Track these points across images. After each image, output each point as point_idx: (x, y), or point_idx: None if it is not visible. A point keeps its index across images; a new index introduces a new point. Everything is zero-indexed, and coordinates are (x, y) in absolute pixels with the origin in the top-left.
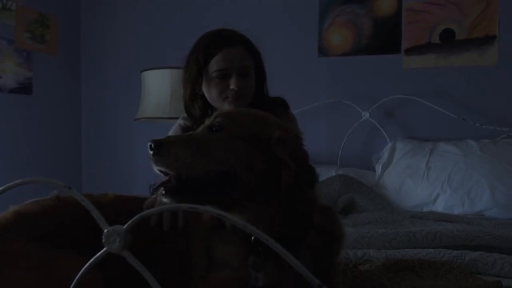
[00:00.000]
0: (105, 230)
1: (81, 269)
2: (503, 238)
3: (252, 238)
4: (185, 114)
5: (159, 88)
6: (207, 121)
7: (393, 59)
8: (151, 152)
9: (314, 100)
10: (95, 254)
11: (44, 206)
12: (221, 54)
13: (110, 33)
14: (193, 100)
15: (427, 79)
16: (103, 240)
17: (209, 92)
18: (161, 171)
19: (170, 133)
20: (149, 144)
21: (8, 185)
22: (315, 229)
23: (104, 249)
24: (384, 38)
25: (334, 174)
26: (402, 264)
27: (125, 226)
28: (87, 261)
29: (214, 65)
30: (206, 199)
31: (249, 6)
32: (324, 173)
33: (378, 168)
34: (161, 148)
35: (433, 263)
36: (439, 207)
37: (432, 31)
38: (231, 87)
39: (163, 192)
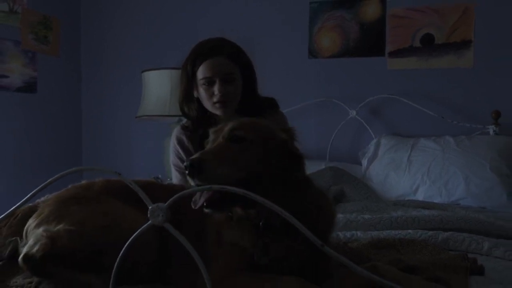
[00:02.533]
0: (150, 207)
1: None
2: (472, 222)
3: (261, 224)
4: (181, 123)
5: (159, 88)
6: (223, 133)
7: (378, 61)
8: (193, 170)
9: (305, 99)
10: None
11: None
12: (205, 64)
13: (110, 34)
14: (188, 103)
15: (410, 80)
16: (148, 215)
17: (200, 98)
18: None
19: (171, 145)
20: (188, 163)
21: (66, 171)
22: (310, 205)
23: (149, 221)
24: (370, 41)
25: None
26: (385, 242)
27: (166, 204)
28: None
29: (200, 73)
30: (238, 202)
31: (244, 10)
32: (314, 167)
33: (364, 162)
34: (202, 165)
35: (411, 241)
36: (419, 197)
37: (414, 36)
38: (215, 93)
39: (205, 205)
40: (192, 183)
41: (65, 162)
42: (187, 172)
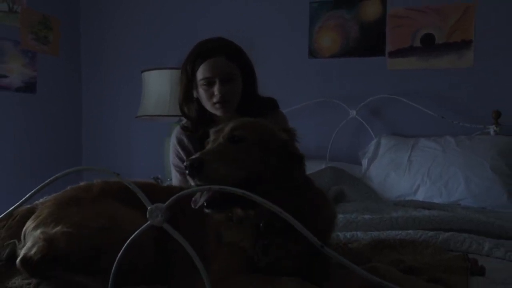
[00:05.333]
0: (149, 207)
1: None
2: (473, 222)
3: (261, 225)
4: (179, 125)
5: (159, 88)
6: (223, 133)
7: (378, 61)
8: (193, 170)
9: (305, 99)
10: None
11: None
12: (205, 64)
13: (110, 34)
14: (188, 103)
15: (410, 80)
16: (147, 216)
17: (200, 98)
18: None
19: (171, 145)
20: (188, 163)
21: (66, 171)
22: (309, 206)
23: (148, 222)
24: (370, 41)
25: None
26: (385, 243)
27: (165, 204)
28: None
29: (200, 74)
30: (239, 203)
31: (244, 10)
32: (314, 167)
33: (364, 162)
34: (202, 165)
35: (412, 242)
36: (419, 197)
37: (414, 36)
38: (215, 93)
39: (205, 205)
40: (192, 183)
41: (65, 162)
42: (187, 172)
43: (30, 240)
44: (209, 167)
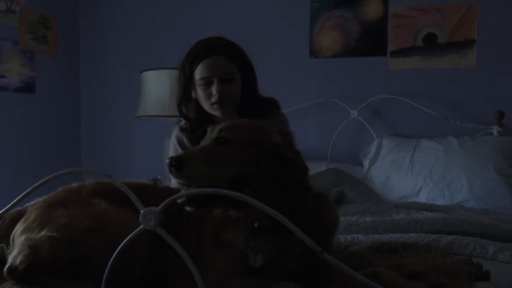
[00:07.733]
0: (142, 211)
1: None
2: (477, 224)
3: (255, 224)
4: (180, 123)
5: (159, 88)
6: (213, 134)
7: (379, 61)
8: (172, 168)
9: (306, 99)
10: None
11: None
12: (203, 64)
13: (109, 34)
14: (186, 104)
15: (412, 80)
16: (140, 219)
17: (198, 98)
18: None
19: (171, 145)
20: (168, 161)
21: (55, 174)
22: (309, 211)
23: (141, 226)
24: (371, 41)
25: (324, 169)
26: (387, 246)
27: (158, 208)
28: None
29: (198, 74)
30: (223, 202)
31: (245, 9)
32: (315, 168)
33: (366, 163)
34: (181, 164)
35: (414, 245)
36: (422, 199)
37: (416, 35)
38: (213, 93)
39: (187, 203)
40: (173, 180)
41: (65, 163)
42: (168, 169)
43: (16, 248)
44: (189, 166)
